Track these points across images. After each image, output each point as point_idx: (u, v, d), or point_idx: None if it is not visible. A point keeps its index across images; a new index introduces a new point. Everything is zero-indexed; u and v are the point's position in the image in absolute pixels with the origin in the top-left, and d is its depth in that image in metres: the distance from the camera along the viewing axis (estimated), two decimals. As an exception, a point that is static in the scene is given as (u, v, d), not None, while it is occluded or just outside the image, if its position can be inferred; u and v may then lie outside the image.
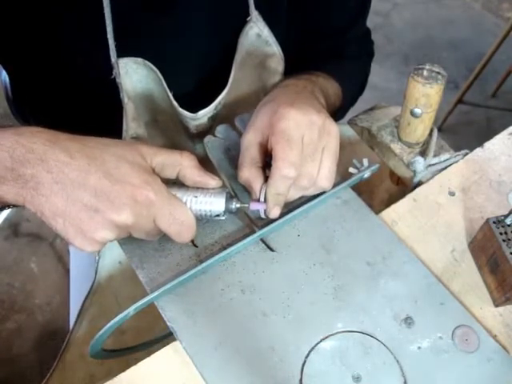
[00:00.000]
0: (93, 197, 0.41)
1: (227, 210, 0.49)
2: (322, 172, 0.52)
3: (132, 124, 0.64)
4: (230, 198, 0.50)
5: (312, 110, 0.52)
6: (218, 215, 0.49)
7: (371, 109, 0.70)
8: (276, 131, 0.50)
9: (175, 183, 0.49)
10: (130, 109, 0.62)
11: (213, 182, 0.48)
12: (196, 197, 0.48)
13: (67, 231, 0.41)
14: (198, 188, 0.49)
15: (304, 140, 0.50)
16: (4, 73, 0.80)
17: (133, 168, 0.43)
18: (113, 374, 0.48)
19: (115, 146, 0.45)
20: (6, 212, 1.65)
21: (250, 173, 0.51)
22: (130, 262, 0.51)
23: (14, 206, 0.45)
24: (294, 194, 0.53)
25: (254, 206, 0.51)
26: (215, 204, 0.48)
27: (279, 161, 0.49)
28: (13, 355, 1.36)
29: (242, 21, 0.63)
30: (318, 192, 0.54)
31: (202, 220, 0.51)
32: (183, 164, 0.47)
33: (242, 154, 0.53)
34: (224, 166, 0.59)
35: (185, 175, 0.48)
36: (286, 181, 0.49)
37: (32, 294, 1.48)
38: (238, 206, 0.50)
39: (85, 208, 0.41)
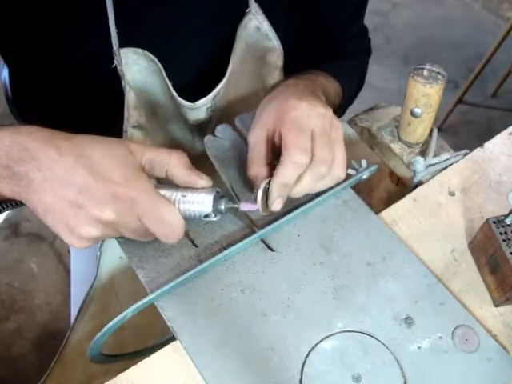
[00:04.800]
0: (78, 193, 0.41)
1: (216, 211, 0.48)
2: (337, 160, 0.52)
3: (134, 112, 0.64)
4: (220, 198, 0.49)
5: (320, 104, 0.52)
6: (207, 216, 0.48)
7: (371, 109, 0.70)
8: (286, 121, 0.50)
9: (169, 183, 0.48)
10: (131, 97, 0.62)
11: (201, 181, 0.48)
12: (184, 196, 0.47)
13: (57, 227, 0.43)
14: (187, 188, 0.48)
15: (315, 130, 0.50)
16: (4, 73, 0.80)
17: (118, 165, 0.43)
18: (112, 372, 0.48)
19: (105, 143, 0.45)
20: (7, 212, 1.65)
21: (259, 170, 0.52)
22: (129, 261, 0.51)
23: (16, 203, 0.46)
24: (310, 183, 0.51)
25: (245, 207, 0.50)
26: (203, 204, 0.47)
27: (291, 148, 0.48)
28: (13, 355, 1.36)
29: (241, 13, 0.63)
30: (332, 183, 0.54)
31: (193, 221, 0.50)
32: (171, 163, 0.47)
33: (251, 150, 0.53)
34: (224, 166, 0.59)
35: (173, 174, 0.47)
36: (296, 168, 0.49)
37: (32, 294, 1.48)
38: (228, 206, 0.49)
39: (70, 205, 0.42)
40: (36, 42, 0.60)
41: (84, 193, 0.41)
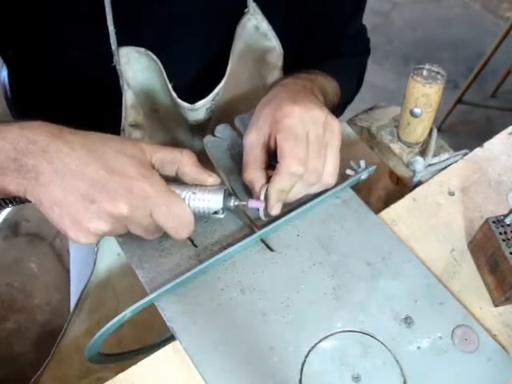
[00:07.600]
0: (90, 187, 0.41)
1: (225, 208, 0.49)
2: (327, 168, 0.52)
3: (131, 111, 0.64)
4: (229, 195, 0.50)
5: (314, 106, 0.52)
6: (216, 212, 0.49)
7: (371, 108, 0.70)
8: (282, 128, 0.50)
9: (175, 181, 0.49)
10: (129, 96, 0.62)
11: (211, 179, 0.48)
12: (194, 193, 0.48)
13: (63, 221, 0.42)
14: (196, 185, 0.48)
15: (309, 136, 0.50)
16: (3, 73, 0.80)
17: (131, 161, 0.44)
18: (109, 367, 0.48)
19: (117, 140, 0.45)
20: (6, 212, 1.65)
21: (255, 174, 0.52)
22: (129, 261, 0.51)
23: (16, 201, 0.46)
24: (300, 191, 0.53)
25: (252, 204, 0.51)
26: (213, 201, 0.48)
27: (288, 158, 0.49)
28: (13, 355, 1.36)
29: (240, 13, 0.63)
30: (322, 189, 0.54)
31: (201, 218, 0.51)
32: (182, 161, 0.48)
33: (246, 154, 0.53)
34: (224, 166, 0.59)
35: (184, 172, 0.48)
36: (293, 178, 0.50)
37: (31, 294, 1.48)
38: (237, 203, 0.50)
39: (81, 198, 0.41)
40: (35, 40, 0.60)
41: (97, 187, 0.41)
